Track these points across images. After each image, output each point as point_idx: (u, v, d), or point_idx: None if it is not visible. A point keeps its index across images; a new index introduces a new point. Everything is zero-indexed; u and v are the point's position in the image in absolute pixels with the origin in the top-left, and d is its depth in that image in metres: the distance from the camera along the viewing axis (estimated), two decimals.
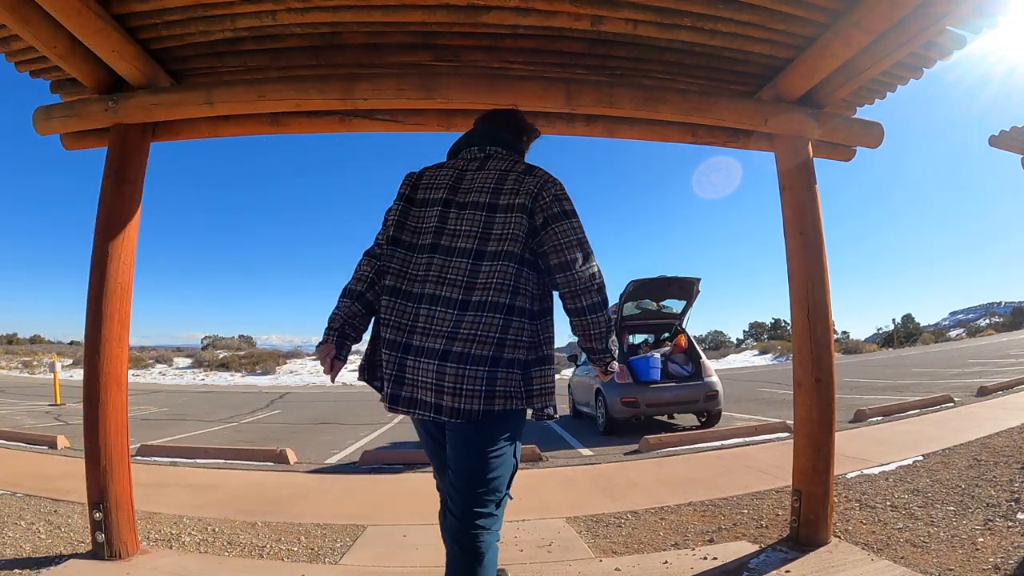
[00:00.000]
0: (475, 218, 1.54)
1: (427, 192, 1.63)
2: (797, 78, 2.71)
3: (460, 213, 1.56)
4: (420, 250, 1.57)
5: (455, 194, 1.59)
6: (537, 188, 1.54)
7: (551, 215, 1.52)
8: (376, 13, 2.38)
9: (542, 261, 1.54)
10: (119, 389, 2.52)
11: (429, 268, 1.53)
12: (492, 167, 1.61)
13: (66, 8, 2.13)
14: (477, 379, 1.42)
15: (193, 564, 2.54)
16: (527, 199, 1.52)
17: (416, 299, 1.52)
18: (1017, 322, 35.09)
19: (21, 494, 3.67)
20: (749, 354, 28.03)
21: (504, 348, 1.45)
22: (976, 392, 7.35)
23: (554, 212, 1.52)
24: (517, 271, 1.49)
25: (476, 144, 1.70)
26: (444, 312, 1.47)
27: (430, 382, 1.44)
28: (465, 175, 1.62)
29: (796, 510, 2.57)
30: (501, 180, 1.57)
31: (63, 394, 11.26)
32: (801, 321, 2.63)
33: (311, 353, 27.67)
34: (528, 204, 1.52)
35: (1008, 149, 4.03)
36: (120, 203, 2.60)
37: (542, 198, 1.53)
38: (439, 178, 1.64)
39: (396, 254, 1.59)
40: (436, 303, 1.49)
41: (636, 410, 6.32)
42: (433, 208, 1.59)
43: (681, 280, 7.05)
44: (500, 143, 1.70)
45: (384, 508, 3.46)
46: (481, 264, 1.49)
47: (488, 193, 1.55)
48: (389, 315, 1.53)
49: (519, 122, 1.80)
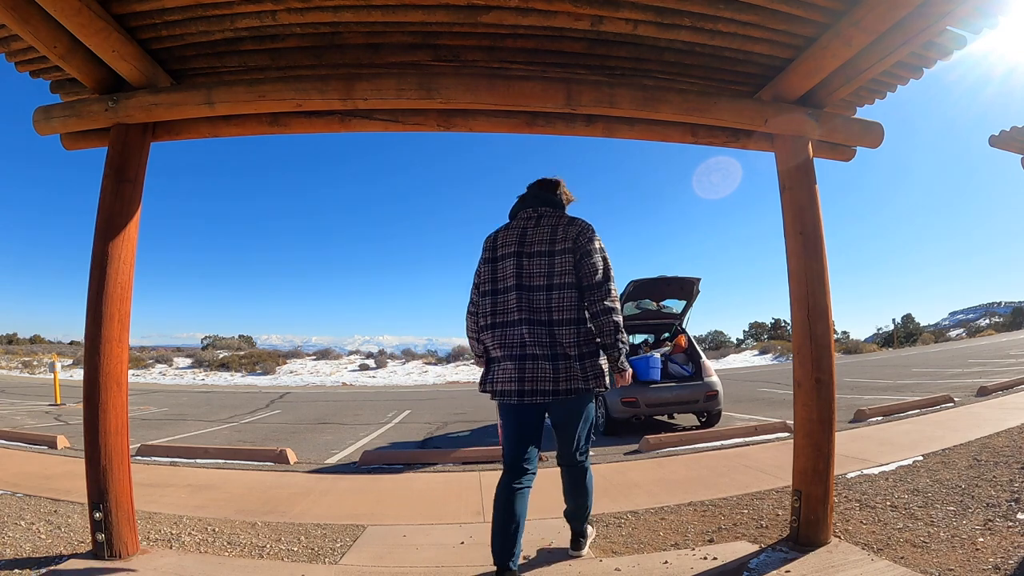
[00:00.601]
0: (541, 262, 2.20)
1: (503, 249, 2.28)
2: (797, 78, 2.71)
3: (530, 260, 2.21)
4: (507, 291, 2.21)
5: (523, 247, 2.24)
6: (576, 234, 2.20)
7: (583, 252, 2.18)
8: (376, 13, 2.38)
9: (580, 283, 2.18)
10: (119, 389, 2.52)
11: (520, 302, 2.16)
12: (545, 223, 2.27)
13: (66, 8, 2.13)
14: (573, 369, 2.14)
15: (193, 564, 2.54)
16: (571, 243, 2.19)
17: (516, 324, 2.16)
18: (1017, 322, 35.07)
19: (21, 494, 3.67)
20: (749, 354, 28.01)
21: (581, 347, 2.15)
22: (976, 392, 7.34)
23: (586, 250, 2.18)
24: (576, 295, 2.17)
25: (530, 206, 2.34)
26: (540, 330, 2.14)
27: (548, 376, 2.13)
28: (527, 232, 2.27)
29: (796, 510, 2.57)
30: (553, 233, 2.23)
31: (63, 394, 11.25)
32: (801, 321, 2.63)
33: (311, 353, 27.75)
34: (571, 246, 2.19)
35: (1008, 149, 4.04)
36: (120, 203, 2.59)
37: (579, 241, 2.19)
38: (508, 237, 2.29)
39: (486, 301, 2.27)
40: (532, 324, 2.14)
41: (636, 410, 6.31)
42: (509, 260, 2.24)
43: (681, 280, 7.04)
44: (547, 204, 2.33)
45: (384, 508, 3.46)
46: (552, 294, 2.16)
47: (546, 243, 2.21)
48: (495, 342, 2.22)
49: (558, 187, 2.43)
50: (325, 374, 23.48)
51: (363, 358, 26.99)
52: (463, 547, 2.73)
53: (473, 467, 4.59)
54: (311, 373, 23.59)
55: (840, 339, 30.02)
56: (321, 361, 26.24)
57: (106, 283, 2.50)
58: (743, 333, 36.82)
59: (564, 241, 2.18)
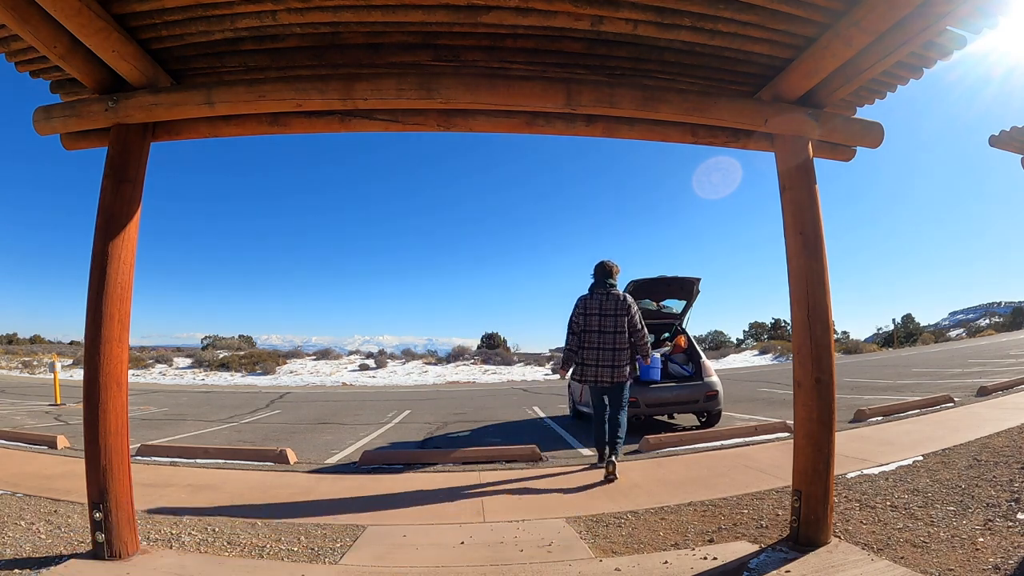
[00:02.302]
0: (612, 321, 4.46)
1: (589, 310, 4.50)
2: (797, 78, 2.71)
3: (604, 319, 4.47)
4: (592, 333, 4.46)
5: (602, 311, 4.48)
6: (628, 305, 4.51)
7: (630, 316, 4.51)
8: (376, 13, 2.38)
9: (628, 329, 4.51)
10: (119, 389, 2.52)
11: (602, 339, 4.44)
12: (612, 295, 4.53)
13: (66, 8, 2.13)
14: (621, 372, 4.44)
15: (193, 564, 2.54)
16: (624, 309, 4.50)
17: (598, 348, 4.43)
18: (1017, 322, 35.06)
19: (21, 494, 3.67)
20: (749, 354, 28.00)
21: (624, 362, 4.46)
22: (976, 392, 7.34)
23: (631, 314, 4.52)
24: (627, 336, 4.49)
25: (601, 286, 4.58)
26: (610, 352, 4.43)
27: (609, 372, 4.42)
28: (604, 301, 4.51)
29: (796, 510, 2.57)
30: (615, 303, 4.50)
31: (63, 394, 11.24)
32: (801, 321, 2.63)
33: (311, 353, 27.73)
34: (624, 311, 4.49)
35: (1008, 149, 4.04)
36: (120, 203, 2.60)
37: (628, 309, 4.51)
38: (592, 302, 4.51)
39: (585, 335, 4.48)
40: (605, 349, 4.43)
41: (636, 410, 6.30)
42: (594, 316, 4.48)
43: (681, 280, 7.04)
44: (610, 281, 4.61)
45: (384, 508, 3.46)
46: (616, 335, 4.45)
47: (614, 309, 4.49)
48: (588, 355, 4.45)
49: (613, 272, 4.65)
50: (325, 374, 23.48)
51: (363, 358, 26.98)
52: (463, 547, 2.73)
53: (473, 467, 4.59)
54: (311, 373, 23.58)
55: (840, 339, 29.99)
56: (321, 361, 26.22)
57: (106, 283, 2.50)
58: (743, 333, 36.83)
59: (621, 309, 4.48)
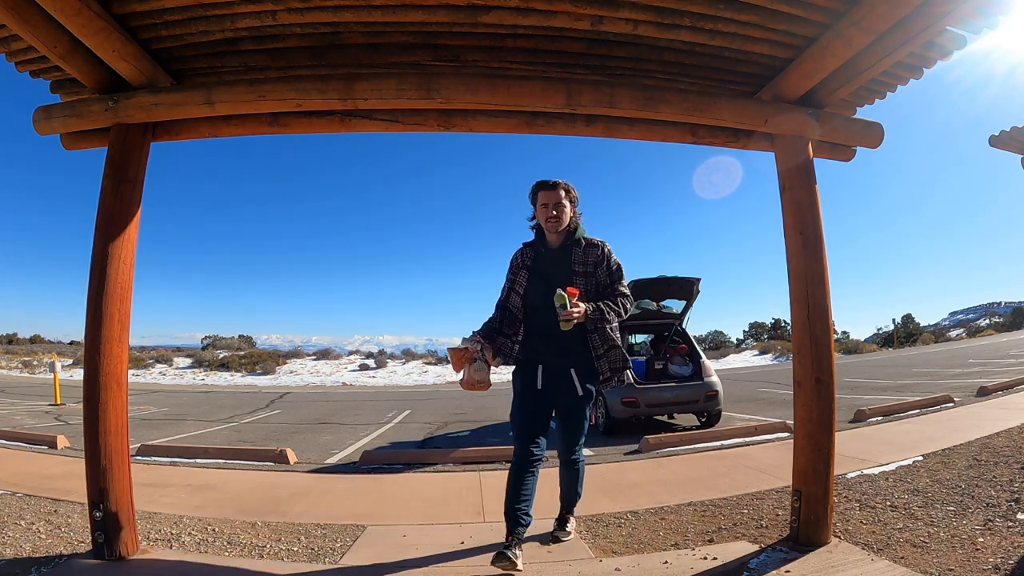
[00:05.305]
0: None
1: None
2: (797, 78, 2.71)
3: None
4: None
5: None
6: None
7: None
8: (376, 13, 2.38)
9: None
10: (119, 389, 2.52)
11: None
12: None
13: (66, 8, 2.13)
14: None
15: (193, 564, 2.54)
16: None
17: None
18: (1017, 322, 35.06)
19: (21, 494, 3.67)
20: (749, 354, 28.01)
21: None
22: (976, 392, 7.34)
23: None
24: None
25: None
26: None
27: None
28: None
29: (796, 510, 2.57)
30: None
31: (63, 394, 11.25)
32: (801, 321, 2.63)
33: (311, 353, 27.73)
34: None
35: (1008, 149, 4.03)
36: (120, 203, 2.59)
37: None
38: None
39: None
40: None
41: (636, 410, 6.31)
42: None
43: (681, 280, 7.04)
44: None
45: (384, 508, 3.46)
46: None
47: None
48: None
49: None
50: (325, 374, 23.47)
51: (363, 358, 26.98)
52: (463, 547, 2.73)
53: (473, 467, 4.59)
54: (311, 373, 23.58)
55: (840, 339, 29.99)
56: (321, 361, 26.23)
57: (106, 283, 2.50)
58: (743, 333, 36.84)
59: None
